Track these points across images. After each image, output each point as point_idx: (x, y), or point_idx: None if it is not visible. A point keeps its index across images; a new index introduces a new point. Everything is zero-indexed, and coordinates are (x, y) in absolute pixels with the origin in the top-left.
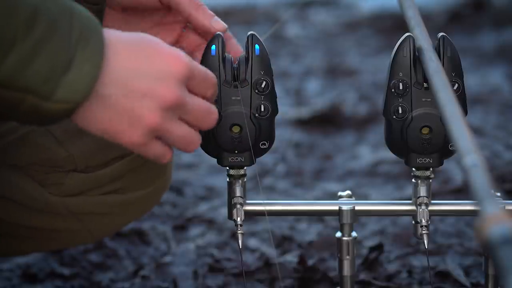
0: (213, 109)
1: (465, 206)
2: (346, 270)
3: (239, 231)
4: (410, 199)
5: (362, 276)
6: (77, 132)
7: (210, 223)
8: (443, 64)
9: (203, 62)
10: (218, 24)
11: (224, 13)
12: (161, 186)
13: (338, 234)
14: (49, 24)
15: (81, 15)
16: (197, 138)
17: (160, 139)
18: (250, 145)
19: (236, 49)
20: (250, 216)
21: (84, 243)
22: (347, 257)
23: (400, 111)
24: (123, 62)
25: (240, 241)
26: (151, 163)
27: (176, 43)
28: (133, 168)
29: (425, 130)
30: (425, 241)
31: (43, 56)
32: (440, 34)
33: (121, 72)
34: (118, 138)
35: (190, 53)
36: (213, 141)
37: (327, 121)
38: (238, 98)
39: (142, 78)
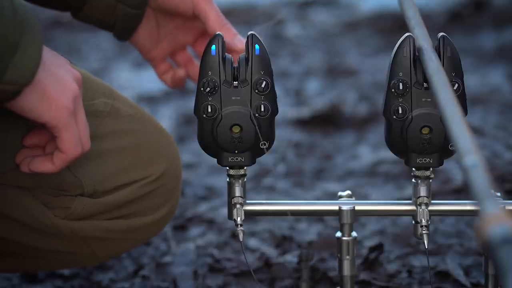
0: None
1: (465, 206)
2: (346, 270)
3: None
4: (410, 199)
5: (362, 276)
6: (86, 157)
7: (210, 223)
8: (443, 64)
9: (203, 62)
10: (241, 43)
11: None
12: (167, 212)
13: (338, 234)
14: None
15: (19, 1)
16: (86, 145)
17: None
18: (257, 141)
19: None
20: (250, 216)
21: (89, 264)
22: (347, 257)
23: (400, 111)
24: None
25: (241, 236)
26: (158, 191)
27: (193, 44)
28: (140, 195)
29: (425, 130)
30: (425, 241)
31: None
32: (440, 34)
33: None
34: (53, 102)
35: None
36: (213, 141)
37: (327, 121)
38: (238, 98)
39: (57, 58)
